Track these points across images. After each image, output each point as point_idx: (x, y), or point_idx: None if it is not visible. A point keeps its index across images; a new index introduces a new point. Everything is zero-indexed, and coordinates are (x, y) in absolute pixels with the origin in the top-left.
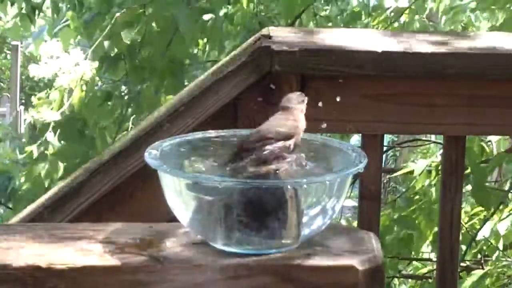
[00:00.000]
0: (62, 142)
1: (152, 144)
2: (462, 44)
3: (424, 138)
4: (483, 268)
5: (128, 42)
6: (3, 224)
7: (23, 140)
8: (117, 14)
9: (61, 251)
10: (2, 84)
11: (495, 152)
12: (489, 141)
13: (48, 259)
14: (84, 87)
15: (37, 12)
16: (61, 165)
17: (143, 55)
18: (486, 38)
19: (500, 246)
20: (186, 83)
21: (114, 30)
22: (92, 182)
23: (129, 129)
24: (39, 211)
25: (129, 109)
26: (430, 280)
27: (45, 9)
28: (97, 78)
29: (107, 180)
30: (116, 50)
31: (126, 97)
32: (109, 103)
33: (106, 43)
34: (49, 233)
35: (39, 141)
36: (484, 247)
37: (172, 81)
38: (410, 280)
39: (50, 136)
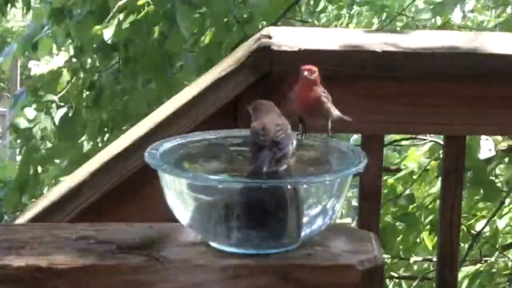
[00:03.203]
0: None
1: (152, 144)
2: (462, 45)
3: (423, 137)
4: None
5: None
6: (3, 224)
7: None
8: (120, 3)
9: (61, 251)
10: (2, 84)
11: (493, 151)
12: (487, 139)
13: (48, 259)
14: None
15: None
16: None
17: (136, 49)
18: (487, 38)
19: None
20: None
21: (114, 18)
22: (92, 182)
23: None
24: (39, 211)
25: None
26: (430, 280)
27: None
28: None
29: (107, 180)
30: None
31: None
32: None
33: (106, 33)
34: (49, 233)
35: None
36: (485, 247)
37: (161, 73)
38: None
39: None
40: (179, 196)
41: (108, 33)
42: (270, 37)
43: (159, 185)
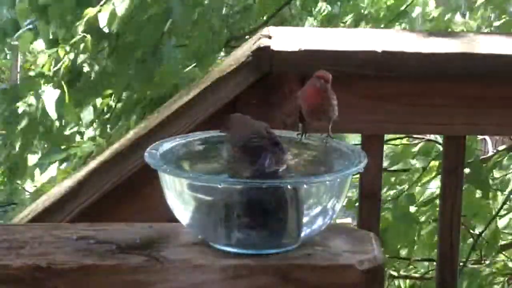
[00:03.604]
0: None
1: (152, 144)
2: (462, 45)
3: (420, 136)
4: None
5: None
6: (3, 224)
7: None
8: None
9: (61, 251)
10: (2, 84)
11: (490, 150)
12: (484, 138)
13: (48, 259)
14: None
15: None
16: None
17: (127, 39)
18: (486, 39)
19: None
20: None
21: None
22: (92, 182)
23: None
24: (39, 211)
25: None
26: (430, 280)
27: None
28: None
29: (107, 180)
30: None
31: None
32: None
33: (101, 18)
34: (49, 233)
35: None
36: (484, 247)
37: (143, 65)
38: (410, 280)
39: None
40: (179, 196)
41: (103, 18)
42: (270, 37)
43: (159, 185)
